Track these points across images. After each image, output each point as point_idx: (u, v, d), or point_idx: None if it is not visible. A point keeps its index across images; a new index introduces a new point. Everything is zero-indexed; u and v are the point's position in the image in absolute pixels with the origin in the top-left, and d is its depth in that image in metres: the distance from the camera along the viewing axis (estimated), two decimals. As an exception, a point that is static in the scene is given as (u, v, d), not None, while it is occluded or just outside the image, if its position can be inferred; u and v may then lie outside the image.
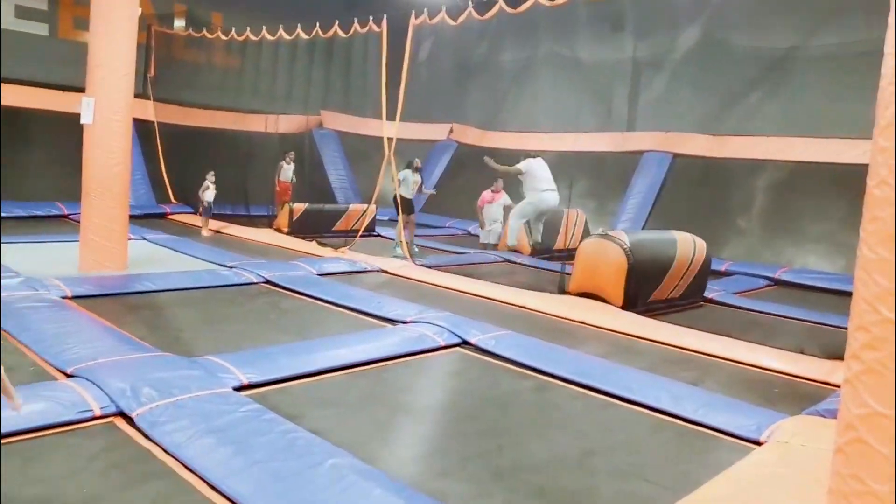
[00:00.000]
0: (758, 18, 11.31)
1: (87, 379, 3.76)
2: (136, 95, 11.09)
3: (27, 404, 3.23)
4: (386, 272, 8.31)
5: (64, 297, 5.68)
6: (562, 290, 7.45)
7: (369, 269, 8.35)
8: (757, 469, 3.39)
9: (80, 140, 6.89)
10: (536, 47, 14.05)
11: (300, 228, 10.61)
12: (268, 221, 11.29)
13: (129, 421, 3.43)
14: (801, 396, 4.69)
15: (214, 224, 10.75)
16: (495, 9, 7.65)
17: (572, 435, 3.84)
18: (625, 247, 7.15)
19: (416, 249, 9.36)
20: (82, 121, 6.82)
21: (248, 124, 13.21)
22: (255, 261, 7.95)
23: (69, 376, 3.91)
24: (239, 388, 3.94)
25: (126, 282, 6.49)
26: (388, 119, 8.63)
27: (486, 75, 14.78)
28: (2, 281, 5.60)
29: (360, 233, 9.75)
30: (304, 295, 6.67)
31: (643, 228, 11.71)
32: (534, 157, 9.23)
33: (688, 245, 7.83)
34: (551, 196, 8.07)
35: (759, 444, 3.77)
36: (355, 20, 9.29)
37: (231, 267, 7.52)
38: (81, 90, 6.89)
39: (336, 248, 9.36)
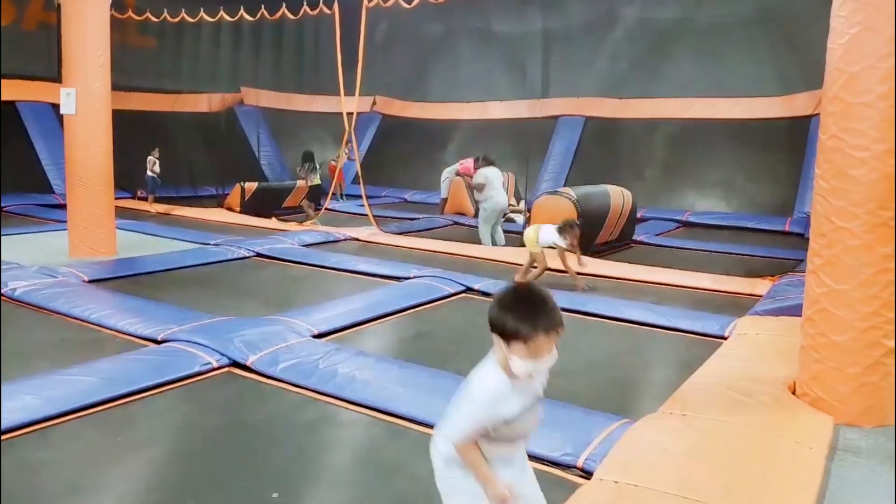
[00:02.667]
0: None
1: (186, 341, 4.30)
2: (52, 80, 10.88)
3: (139, 368, 3.80)
4: (357, 239, 8.97)
5: (84, 282, 5.96)
6: (522, 243, 8.47)
7: (342, 237, 8.98)
8: (732, 351, 4.56)
9: None
10: (453, 21, 14.86)
11: (252, 206, 10.93)
12: (216, 201, 11.48)
13: (245, 368, 4.05)
14: (738, 305, 5.96)
15: (161, 206, 10.84)
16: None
17: (586, 347, 4.86)
18: (573, 200, 8.28)
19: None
20: (63, 111, 6.93)
21: (181, 105, 13.15)
22: (234, 237, 8.35)
23: (161, 342, 4.40)
24: (317, 336, 4.61)
25: (129, 264, 6.78)
26: (346, 95, 9.16)
27: (408, 48, 15.39)
28: (4, 273, 5.80)
29: (325, 206, 10.27)
30: (302, 263, 7.25)
31: (564, 185, 12.98)
32: (488, 163, 10.21)
33: (618, 195, 9.10)
34: (503, 196, 9.16)
35: (724, 338, 4.95)
36: (304, 3, 9.66)
37: (217, 244, 7.90)
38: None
39: (301, 222, 9.85)
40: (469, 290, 6.20)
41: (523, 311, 1.77)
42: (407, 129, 15.43)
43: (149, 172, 10.57)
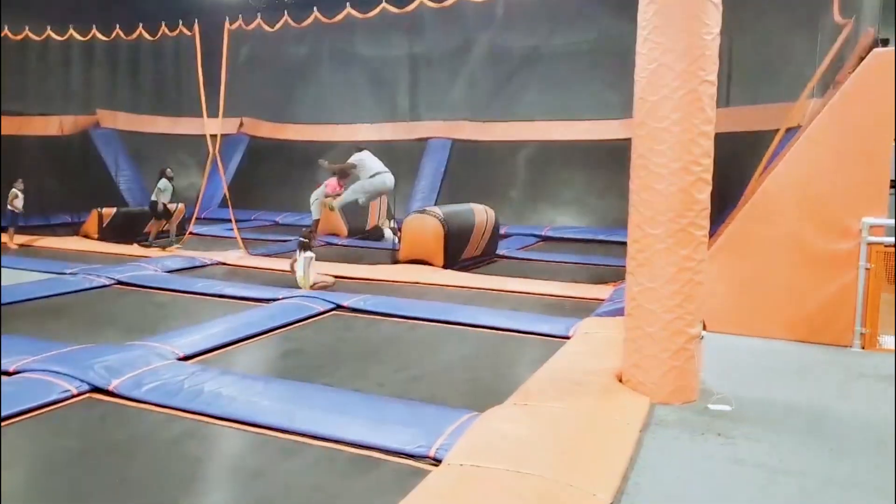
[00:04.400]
0: (508, 22, 13.69)
1: (42, 370, 4.21)
2: None
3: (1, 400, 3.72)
4: (225, 264, 8.91)
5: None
6: (395, 261, 8.84)
7: (209, 262, 8.88)
8: (573, 349, 5.12)
9: None
10: (318, 43, 15.07)
11: (111, 232, 10.49)
12: (72, 229, 10.89)
13: (107, 393, 4.04)
14: (583, 309, 6.62)
15: (23, 239, 10.16)
16: (311, 18, 8.63)
17: (447, 352, 5.25)
18: (440, 218, 8.76)
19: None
20: None
21: (28, 128, 12.32)
22: (92, 266, 8.04)
23: (12, 374, 4.27)
24: (183, 359, 4.66)
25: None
26: (209, 117, 9.12)
27: (275, 70, 15.38)
28: None
29: (189, 231, 10.06)
30: (166, 290, 7.14)
31: (435, 205, 13.54)
32: (360, 150, 10.41)
33: (482, 213, 9.72)
34: (388, 178, 9.21)
35: (568, 338, 5.52)
36: (163, 24, 9.52)
37: (73, 273, 7.58)
38: None
39: (164, 248, 9.60)
40: (339, 307, 6.43)
41: None
42: (277, 150, 15.40)
43: (9, 206, 9.78)
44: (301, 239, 7.56)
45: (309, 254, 7.43)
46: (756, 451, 3.45)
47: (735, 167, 8.13)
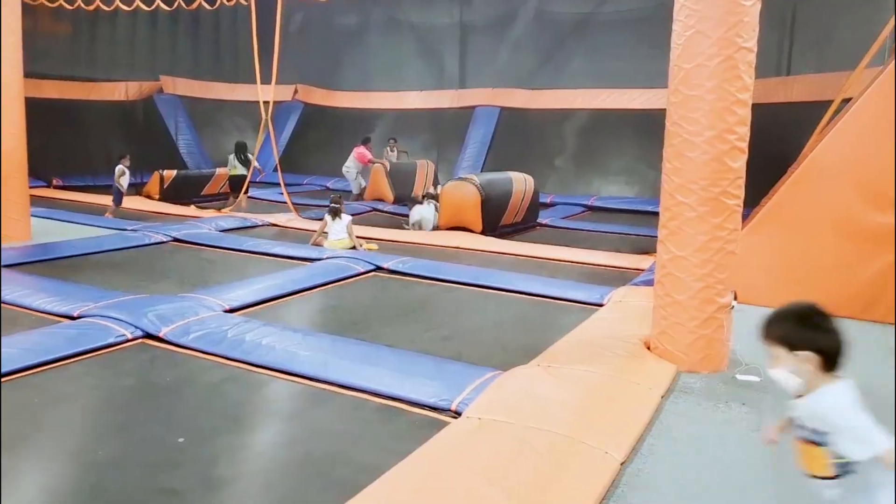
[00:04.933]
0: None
1: (101, 316, 4.56)
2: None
3: (55, 340, 4.06)
4: (276, 225, 9.24)
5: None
6: (435, 227, 8.99)
7: (259, 223, 9.22)
8: (604, 315, 5.18)
9: None
10: (368, 11, 15.18)
11: (172, 194, 10.97)
12: (135, 189, 11.43)
13: (158, 339, 4.36)
14: (621, 278, 6.62)
15: (78, 195, 10.75)
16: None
17: (479, 315, 5.39)
18: (478, 185, 8.84)
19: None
20: (-29, 99, 6.90)
21: (97, 93, 12.92)
22: (152, 224, 8.48)
23: (77, 318, 4.64)
24: (228, 311, 4.95)
25: (44, 249, 6.86)
26: (263, 83, 9.39)
27: (326, 38, 15.59)
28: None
29: (244, 194, 10.44)
30: (219, 247, 7.49)
31: (481, 173, 13.58)
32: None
33: (520, 181, 9.75)
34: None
35: (602, 305, 5.57)
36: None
37: (134, 230, 8.02)
38: None
39: (219, 209, 10.01)
40: (379, 268, 6.63)
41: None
42: (328, 117, 15.68)
43: (115, 183, 9.60)
44: (332, 205, 7.78)
45: (347, 217, 7.72)
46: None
47: (793, 138, 7.91)
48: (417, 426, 3.35)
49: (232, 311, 5.01)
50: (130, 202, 10.65)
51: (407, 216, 9.82)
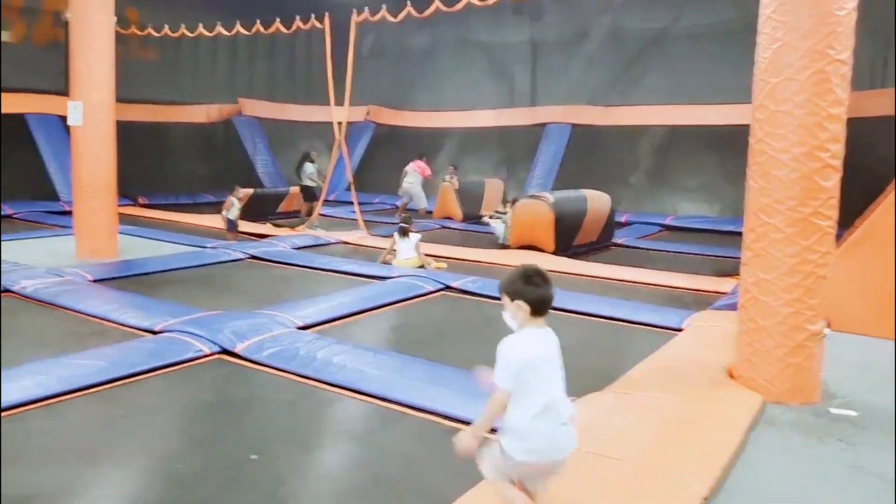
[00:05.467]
0: (630, 4, 13.24)
1: (181, 331, 4.71)
2: (59, 93, 11.29)
3: (138, 354, 4.21)
4: (347, 243, 9.39)
5: (89, 281, 6.37)
6: (504, 245, 8.92)
7: (332, 241, 9.40)
8: (683, 341, 4.96)
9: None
10: (439, 32, 15.36)
11: (248, 212, 11.32)
12: (214, 208, 11.90)
13: (233, 355, 4.45)
14: (701, 301, 6.36)
15: (162, 214, 11.27)
16: (432, 8, 8.87)
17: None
18: (550, 203, 8.71)
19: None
20: (70, 122, 7.36)
21: (181, 116, 13.59)
22: (229, 241, 8.78)
23: (158, 332, 4.81)
24: (301, 328, 5.02)
25: (130, 265, 7.20)
26: (336, 105, 9.62)
27: (398, 59, 15.89)
28: (14, 272, 6.22)
29: (317, 212, 10.69)
30: (292, 265, 7.67)
31: (552, 190, 13.44)
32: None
33: (595, 199, 9.54)
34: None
35: (681, 330, 5.34)
36: (297, 17, 10.16)
37: (213, 248, 8.31)
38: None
39: (293, 227, 10.27)
40: (448, 287, 6.60)
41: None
42: (399, 137, 15.92)
43: (225, 213, 9.72)
44: (402, 224, 7.83)
45: (416, 236, 7.76)
46: (880, 459, 3.21)
47: (890, 153, 7.42)
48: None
49: (304, 328, 5.08)
50: (209, 220, 11.04)
51: (481, 232, 9.84)
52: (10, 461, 2.99)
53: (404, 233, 7.76)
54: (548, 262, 8.05)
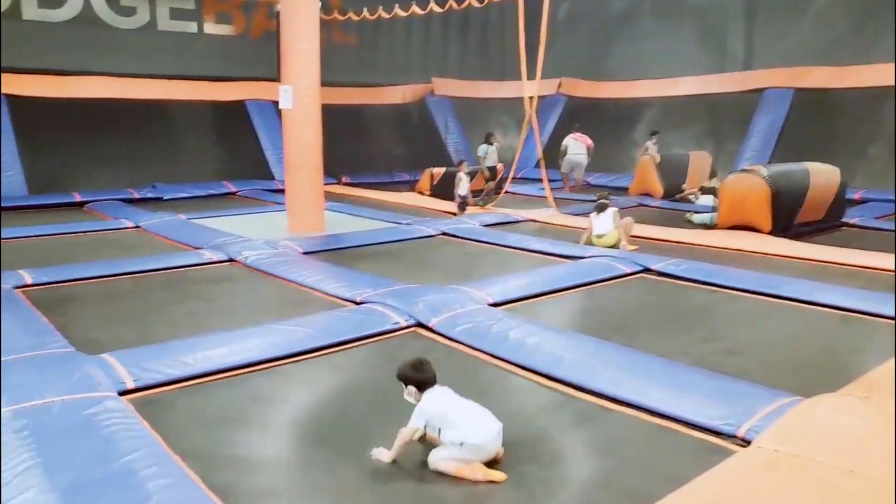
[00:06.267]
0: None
1: (380, 303, 4.86)
2: (272, 80, 12.31)
3: (344, 324, 4.38)
4: (535, 221, 9.21)
5: (300, 253, 6.88)
6: (712, 226, 8.14)
7: (520, 219, 9.28)
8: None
9: (224, 126, 7.81)
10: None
11: (441, 190, 11.60)
12: (408, 186, 12.39)
13: (428, 328, 4.49)
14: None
15: (362, 191, 11.96)
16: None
17: (769, 328, 4.66)
18: (766, 178, 7.75)
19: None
20: (281, 106, 7.99)
21: (380, 97, 14.27)
22: (423, 218, 9.03)
23: (360, 303, 5.01)
24: (492, 305, 4.95)
25: (335, 239, 7.68)
26: (528, 79, 9.40)
27: (593, 27, 15.20)
28: (239, 243, 6.89)
29: (504, 190, 10.66)
30: (483, 242, 7.67)
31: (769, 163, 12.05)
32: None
33: (820, 172, 8.34)
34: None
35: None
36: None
37: (407, 224, 8.60)
38: (226, 79, 7.85)
39: (483, 205, 10.31)
40: (647, 270, 6.15)
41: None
42: (593, 109, 15.26)
43: (458, 191, 9.79)
44: (600, 201, 7.42)
45: (612, 209, 7.36)
46: None
47: None
48: (696, 451, 2.94)
49: (496, 304, 5.00)
50: (404, 197, 11.45)
51: (680, 211, 9.14)
52: (227, 421, 3.24)
53: (601, 208, 7.36)
54: (764, 244, 7.22)
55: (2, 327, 4.20)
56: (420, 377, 2.90)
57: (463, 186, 9.83)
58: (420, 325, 4.57)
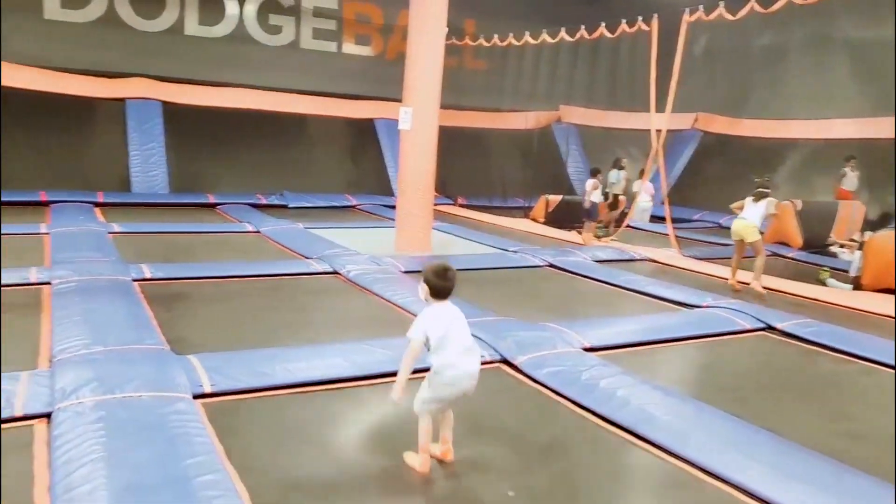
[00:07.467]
0: None
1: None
2: (400, 101, 12.56)
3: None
4: (654, 261, 8.67)
5: (400, 271, 6.87)
6: (857, 287, 7.26)
7: (637, 257, 8.78)
8: None
9: (354, 142, 7.95)
10: (788, 29, 13.32)
11: (555, 218, 11.30)
12: (522, 212, 12.17)
13: (513, 366, 4.26)
14: None
15: (476, 214, 11.86)
16: (783, 1, 7.64)
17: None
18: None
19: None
20: (400, 127, 8.09)
21: (501, 122, 14.24)
22: (532, 246, 8.77)
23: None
24: (587, 349, 4.62)
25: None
26: (657, 112, 8.94)
27: (734, 61, 14.29)
28: (345, 256, 6.98)
29: (625, 224, 10.18)
30: (591, 278, 7.29)
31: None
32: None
33: None
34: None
35: None
36: (623, 21, 9.74)
37: (515, 251, 8.38)
38: (359, 98, 8.04)
39: (599, 237, 9.88)
40: (770, 328, 5.54)
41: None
42: (730, 147, 14.32)
43: (587, 198, 9.68)
44: (760, 189, 7.15)
45: (771, 200, 7.03)
46: None
47: None
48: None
49: (591, 349, 4.66)
50: (517, 223, 11.24)
51: (819, 266, 8.25)
52: (291, 439, 3.19)
53: (760, 196, 7.00)
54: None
55: (112, 318, 4.47)
56: (438, 284, 2.93)
57: (596, 195, 9.53)
58: (505, 361, 4.34)
